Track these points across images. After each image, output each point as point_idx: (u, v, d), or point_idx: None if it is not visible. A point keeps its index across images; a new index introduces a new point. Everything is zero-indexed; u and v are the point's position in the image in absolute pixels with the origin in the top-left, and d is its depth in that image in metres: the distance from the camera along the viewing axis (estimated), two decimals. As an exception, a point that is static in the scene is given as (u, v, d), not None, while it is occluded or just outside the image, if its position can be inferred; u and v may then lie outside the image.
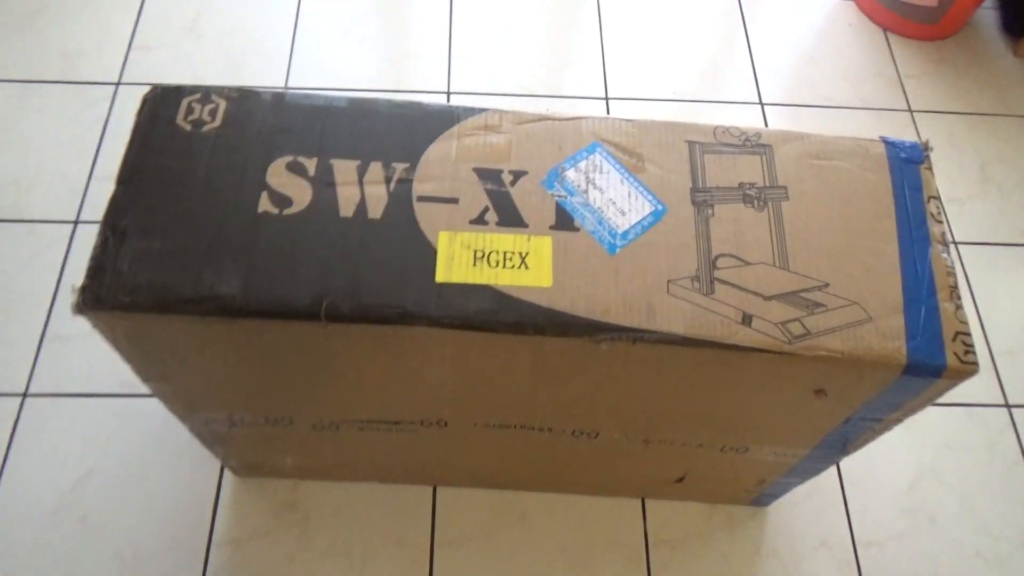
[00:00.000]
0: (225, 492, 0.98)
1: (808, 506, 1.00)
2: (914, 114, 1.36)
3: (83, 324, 1.05)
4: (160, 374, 0.67)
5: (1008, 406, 1.09)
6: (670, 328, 0.59)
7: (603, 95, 1.34)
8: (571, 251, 0.61)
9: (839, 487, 1.02)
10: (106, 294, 0.56)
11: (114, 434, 1.00)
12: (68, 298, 1.09)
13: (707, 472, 0.88)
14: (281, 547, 0.95)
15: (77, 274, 1.11)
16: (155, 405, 1.02)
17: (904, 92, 1.39)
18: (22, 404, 1.01)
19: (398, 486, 0.98)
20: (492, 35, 1.40)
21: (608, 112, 1.32)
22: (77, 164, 1.20)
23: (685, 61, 1.41)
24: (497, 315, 0.58)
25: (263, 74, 1.33)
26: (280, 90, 0.66)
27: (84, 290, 0.56)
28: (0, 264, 1.11)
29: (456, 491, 0.99)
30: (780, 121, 1.34)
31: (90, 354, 1.05)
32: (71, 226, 1.15)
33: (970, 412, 1.08)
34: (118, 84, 1.29)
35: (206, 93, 0.65)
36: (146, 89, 0.65)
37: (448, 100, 1.32)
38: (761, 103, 1.35)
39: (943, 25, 1.43)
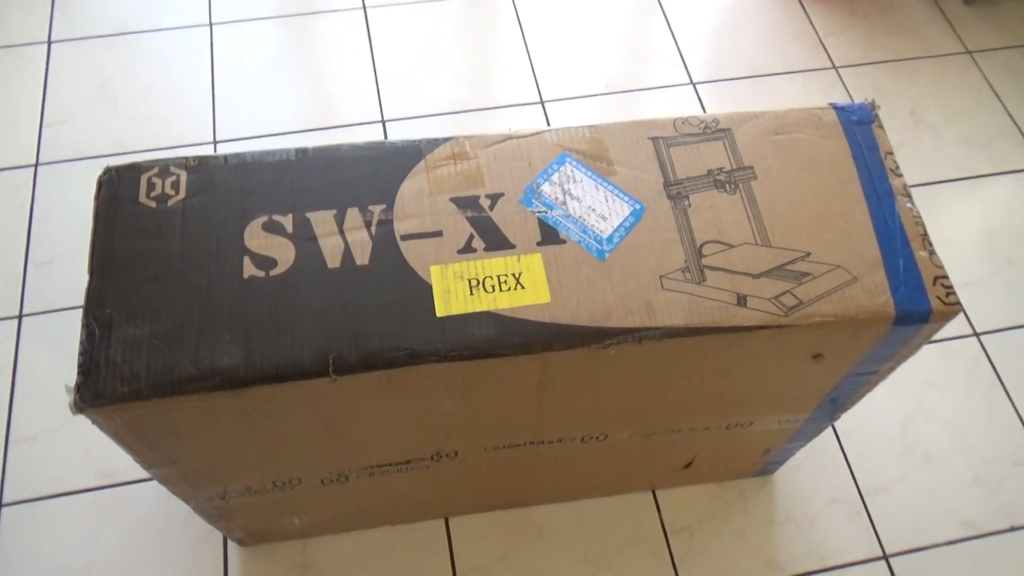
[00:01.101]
0: (233, 566, 0.94)
1: (811, 467, 1.03)
2: (839, 70, 1.41)
3: (47, 421, 1.03)
4: (165, 459, 0.64)
5: (976, 335, 1.14)
6: (671, 322, 0.60)
7: (537, 99, 1.34)
8: (562, 264, 0.62)
9: (836, 442, 1.05)
10: (104, 388, 0.54)
11: (102, 529, 0.96)
12: (27, 397, 1.04)
13: (714, 452, 0.89)
14: (303, 610, 0.93)
15: (34, 373, 1.06)
16: (139, 491, 0.99)
17: (826, 50, 1.43)
18: (-1, 516, 0.96)
19: (409, 525, 0.97)
20: (415, 55, 1.39)
21: (546, 116, 1.32)
22: (9, 255, 1.14)
23: (611, 51, 1.42)
24: (503, 339, 0.58)
25: (189, 131, 1.29)
26: (238, 151, 0.65)
27: (79, 388, 0.54)
28: (-54, 374, 1.05)
29: (468, 519, 0.98)
30: (714, 98, 1.36)
31: (60, 450, 1.01)
32: (15, 321, 1.10)
33: (943, 347, 1.12)
34: (36, 165, 1.23)
35: (164, 166, 0.63)
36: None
37: (384, 129, 1.30)
38: (692, 83, 1.38)
39: (847, -21, 1.46)
